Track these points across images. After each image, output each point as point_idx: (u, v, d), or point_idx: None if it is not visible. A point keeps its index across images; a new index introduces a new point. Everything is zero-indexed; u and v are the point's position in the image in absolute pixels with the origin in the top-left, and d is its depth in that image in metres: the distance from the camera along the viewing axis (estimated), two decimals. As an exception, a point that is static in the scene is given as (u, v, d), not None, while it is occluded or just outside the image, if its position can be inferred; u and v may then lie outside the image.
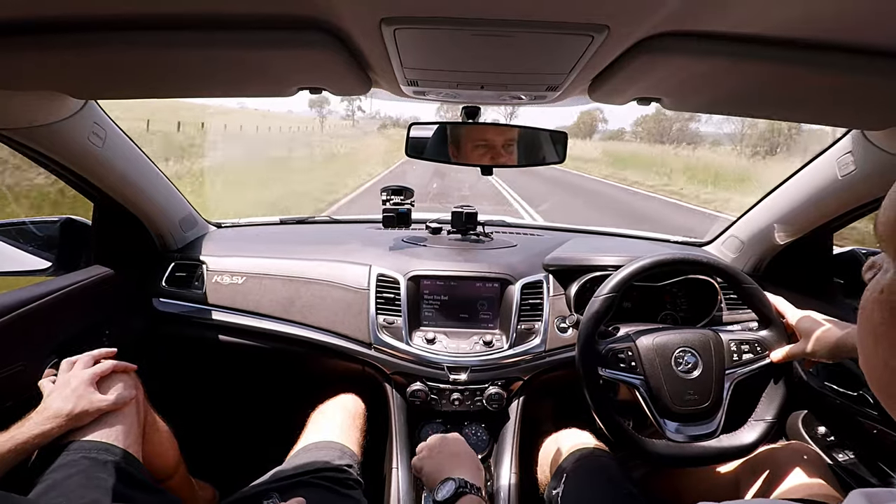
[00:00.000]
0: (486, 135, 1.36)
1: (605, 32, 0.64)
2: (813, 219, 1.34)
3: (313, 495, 1.02)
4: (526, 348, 1.40)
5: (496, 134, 1.37)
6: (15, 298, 1.10)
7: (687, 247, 1.83)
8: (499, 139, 1.37)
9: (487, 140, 1.37)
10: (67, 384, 1.00)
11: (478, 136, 1.36)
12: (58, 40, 0.71)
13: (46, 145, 1.11)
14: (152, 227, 1.52)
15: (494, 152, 1.37)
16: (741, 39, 0.67)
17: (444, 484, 0.87)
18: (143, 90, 1.08)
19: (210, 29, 0.70)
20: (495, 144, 1.37)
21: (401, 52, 0.76)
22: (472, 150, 1.37)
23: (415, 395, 1.38)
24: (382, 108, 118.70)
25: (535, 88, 0.97)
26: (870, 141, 1.06)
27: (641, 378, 1.13)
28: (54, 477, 0.90)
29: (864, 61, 0.69)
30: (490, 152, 1.37)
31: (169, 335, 1.56)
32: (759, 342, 1.15)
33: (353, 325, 1.43)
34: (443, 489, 0.86)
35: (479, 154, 1.37)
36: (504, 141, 1.37)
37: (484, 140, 1.37)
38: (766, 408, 1.14)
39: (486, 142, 1.37)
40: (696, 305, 1.51)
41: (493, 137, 1.37)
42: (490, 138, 1.37)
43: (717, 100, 0.95)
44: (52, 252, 1.40)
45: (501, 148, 1.37)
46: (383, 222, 1.62)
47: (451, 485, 0.86)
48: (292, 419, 1.37)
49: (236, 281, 1.52)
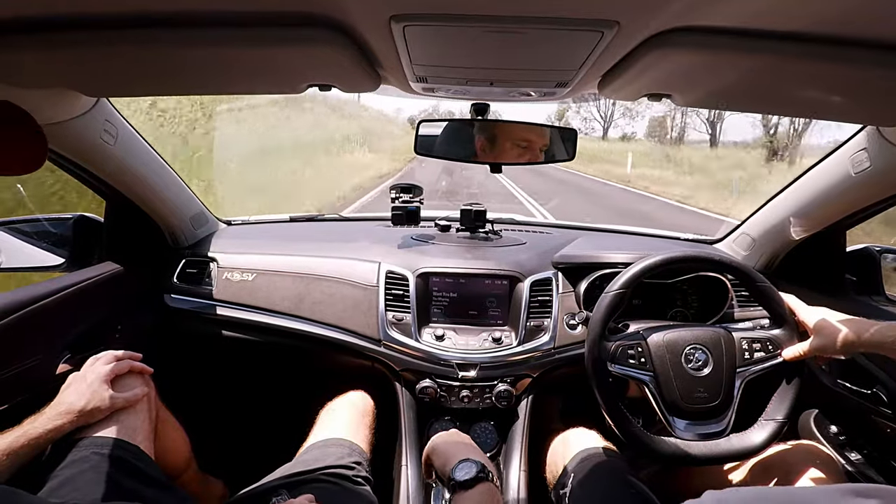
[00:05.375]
0: (495, 133, 1.36)
1: (615, 28, 0.63)
2: (826, 216, 1.33)
3: (322, 492, 1.02)
4: (535, 345, 1.39)
5: (506, 132, 1.36)
6: (29, 294, 1.12)
7: (698, 244, 1.82)
8: (508, 137, 1.36)
9: (497, 138, 1.36)
10: (83, 379, 1.02)
11: (487, 134, 1.36)
12: (70, 38, 0.71)
13: (59, 143, 1.12)
14: (164, 224, 1.53)
15: (504, 150, 1.37)
16: (753, 34, 0.66)
17: (463, 464, 0.83)
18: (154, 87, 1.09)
19: (220, 26, 0.70)
20: (504, 142, 1.36)
21: (410, 49, 0.76)
22: (481, 148, 1.36)
23: (424, 392, 1.38)
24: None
25: (545, 85, 0.96)
26: (885, 138, 1.05)
27: (651, 375, 1.13)
28: (66, 473, 0.91)
29: (878, 57, 0.68)
30: (499, 150, 1.37)
31: (180, 331, 1.57)
32: (771, 340, 1.14)
33: (362, 322, 1.43)
34: (463, 469, 0.82)
35: (489, 152, 1.37)
36: (513, 139, 1.36)
37: (493, 138, 1.36)
38: (777, 407, 1.12)
39: (495, 140, 1.36)
40: (707, 303, 1.50)
41: (503, 135, 1.36)
42: (499, 136, 1.36)
43: (728, 96, 0.94)
44: (66, 249, 1.42)
45: (511, 146, 1.36)
46: (392, 220, 1.62)
47: (473, 467, 0.82)
48: (301, 416, 1.37)
49: (247, 278, 1.52)
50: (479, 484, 0.81)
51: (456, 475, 0.82)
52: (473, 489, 0.81)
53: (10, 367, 1.06)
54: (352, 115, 22.73)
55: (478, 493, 0.80)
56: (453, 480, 0.82)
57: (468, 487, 0.81)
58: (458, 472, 0.82)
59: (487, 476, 0.82)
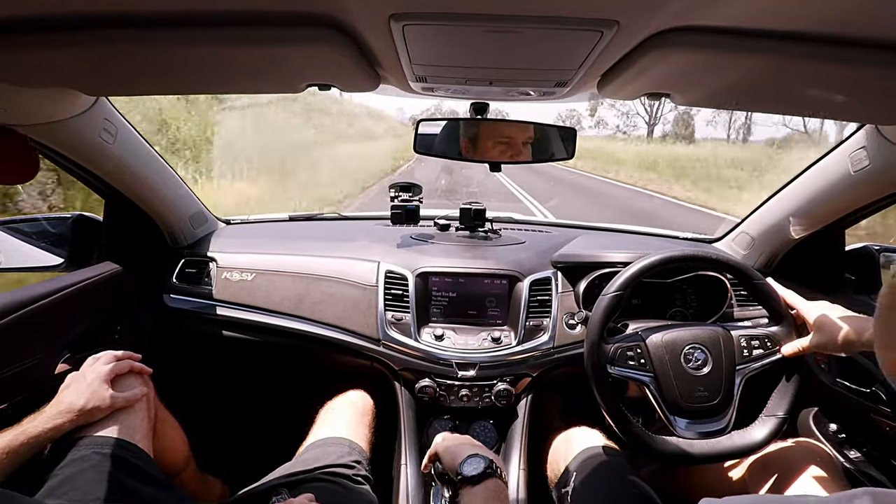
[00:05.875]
0: (494, 131, 1.36)
1: (614, 28, 0.63)
2: (825, 215, 1.33)
3: (322, 491, 1.02)
4: (534, 345, 1.39)
5: (505, 130, 1.36)
6: (29, 294, 1.12)
7: (697, 243, 1.82)
8: (508, 136, 1.36)
9: (496, 136, 1.36)
10: (83, 379, 1.02)
11: (487, 133, 1.36)
12: (69, 37, 0.71)
13: (58, 142, 1.12)
14: (163, 223, 1.53)
15: (503, 149, 1.37)
16: (753, 34, 0.66)
17: (471, 459, 0.83)
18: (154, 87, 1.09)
19: (219, 26, 0.70)
20: (504, 141, 1.36)
21: (409, 49, 0.75)
22: (480, 147, 1.36)
23: (423, 392, 1.38)
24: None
25: (544, 84, 0.96)
26: (884, 136, 1.05)
27: (651, 375, 1.13)
28: (66, 472, 0.91)
29: (877, 56, 0.68)
30: (499, 149, 1.37)
31: (179, 331, 1.57)
32: (770, 337, 1.14)
33: (361, 322, 1.43)
34: (470, 464, 0.82)
35: (488, 150, 1.37)
36: (513, 137, 1.36)
37: (493, 136, 1.36)
38: (777, 404, 1.13)
39: (494, 138, 1.36)
40: (706, 302, 1.50)
41: (502, 134, 1.36)
42: (499, 135, 1.36)
43: (727, 94, 0.94)
44: (65, 248, 1.42)
45: (510, 144, 1.36)
46: (392, 219, 1.62)
47: (481, 462, 0.82)
48: (301, 415, 1.38)
49: (246, 277, 1.52)
50: (486, 479, 0.81)
51: (464, 470, 0.82)
52: (481, 484, 0.81)
53: (10, 366, 1.06)
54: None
55: (485, 488, 0.81)
56: (461, 475, 0.82)
57: (476, 482, 0.81)
58: (467, 467, 0.82)
59: (496, 472, 0.83)
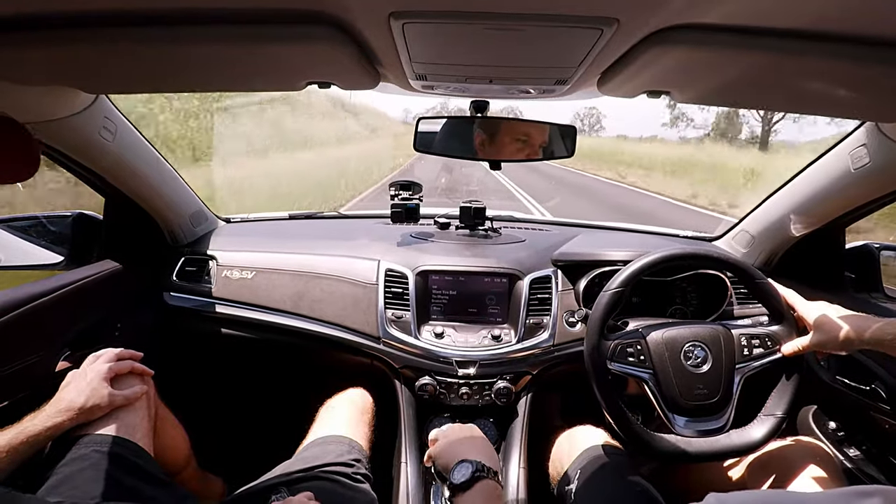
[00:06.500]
0: (495, 129, 1.36)
1: (614, 26, 0.63)
2: (825, 213, 1.33)
3: (322, 489, 1.02)
4: (534, 342, 1.39)
5: (505, 128, 1.37)
6: (28, 292, 1.12)
7: (697, 241, 1.82)
8: (508, 134, 1.36)
9: (496, 135, 1.36)
10: (83, 377, 1.02)
11: (487, 131, 1.36)
12: (69, 35, 0.71)
13: (58, 140, 1.12)
14: (162, 221, 1.53)
15: (503, 147, 1.37)
16: (753, 31, 0.66)
17: (459, 466, 0.85)
18: (154, 85, 1.09)
19: (219, 24, 0.70)
20: (504, 139, 1.37)
21: (409, 47, 0.75)
22: (480, 145, 1.36)
23: (423, 390, 1.38)
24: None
25: (544, 82, 0.96)
26: (884, 133, 1.05)
27: (650, 372, 1.13)
28: (66, 471, 0.91)
29: (877, 53, 0.67)
30: (499, 147, 1.37)
31: (179, 329, 1.57)
32: (770, 336, 1.14)
33: (361, 320, 1.43)
34: (459, 471, 0.84)
35: (489, 148, 1.37)
36: (512, 135, 1.37)
37: (493, 135, 1.36)
38: (776, 403, 1.12)
39: (495, 136, 1.36)
40: (706, 300, 1.50)
41: (502, 132, 1.36)
42: (499, 133, 1.36)
43: (727, 92, 0.94)
44: (65, 246, 1.42)
45: (510, 143, 1.37)
46: (392, 217, 1.62)
47: (468, 467, 0.83)
48: (301, 413, 1.38)
49: (246, 275, 1.52)
50: (476, 483, 0.82)
51: (453, 478, 0.84)
52: (471, 490, 0.82)
53: (10, 364, 1.06)
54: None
55: (475, 492, 0.82)
56: (451, 484, 0.84)
57: (465, 489, 0.82)
58: (456, 475, 0.84)
59: (485, 474, 0.83)
